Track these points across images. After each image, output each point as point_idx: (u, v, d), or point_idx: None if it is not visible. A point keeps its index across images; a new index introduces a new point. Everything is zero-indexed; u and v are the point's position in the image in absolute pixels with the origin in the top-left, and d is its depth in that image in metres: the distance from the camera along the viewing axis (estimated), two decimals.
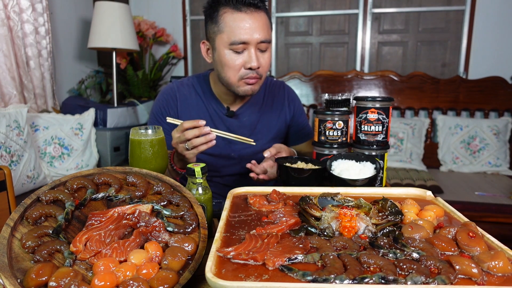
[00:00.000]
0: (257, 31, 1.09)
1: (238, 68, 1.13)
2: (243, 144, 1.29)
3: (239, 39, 1.08)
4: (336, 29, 3.20)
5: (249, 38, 1.09)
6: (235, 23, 1.08)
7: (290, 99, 1.41)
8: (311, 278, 0.50)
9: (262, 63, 1.14)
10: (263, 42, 1.11)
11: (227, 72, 1.15)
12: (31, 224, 0.68)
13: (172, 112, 1.30)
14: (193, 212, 0.76)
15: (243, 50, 1.12)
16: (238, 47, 1.10)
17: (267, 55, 1.15)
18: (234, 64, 1.13)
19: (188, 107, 1.30)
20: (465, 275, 0.51)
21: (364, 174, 0.97)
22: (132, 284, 0.55)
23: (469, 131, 2.81)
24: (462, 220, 0.70)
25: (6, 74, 2.16)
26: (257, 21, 1.09)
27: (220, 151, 1.30)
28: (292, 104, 1.41)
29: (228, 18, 1.09)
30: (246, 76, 1.14)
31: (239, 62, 1.12)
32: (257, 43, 1.10)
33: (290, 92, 1.43)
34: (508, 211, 2.10)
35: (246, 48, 1.11)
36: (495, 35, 2.88)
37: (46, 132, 2.24)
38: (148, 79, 3.17)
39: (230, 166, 1.32)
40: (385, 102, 1.05)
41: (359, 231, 0.64)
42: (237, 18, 1.08)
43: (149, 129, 0.98)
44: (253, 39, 1.09)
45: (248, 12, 1.09)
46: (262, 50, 1.14)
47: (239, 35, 1.08)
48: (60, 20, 2.76)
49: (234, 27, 1.08)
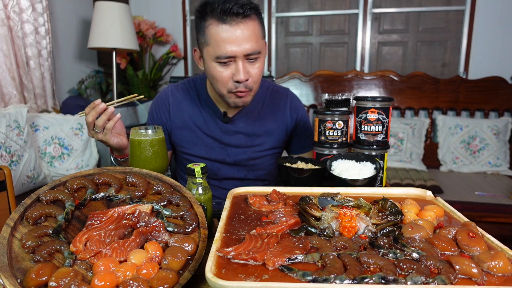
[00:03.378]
0: (244, 43, 1.03)
1: (226, 81, 1.09)
2: (238, 149, 1.28)
3: (224, 53, 1.03)
4: (336, 29, 3.20)
5: (234, 51, 1.03)
6: (220, 37, 1.02)
7: (293, 108, 1.34)
8: (311, 278, 0.50)
9: (252, 74, 1.08)
10: (252, 54, 1.05)
11: (216, 84, 1.12)
12: (31, 224, 0.68)
13: (164, 116, 1.28)
14: (193, 212, 0.76)
15: (230, 63, 1.06)
16: (224, 61, 1.05)
17: (257, 65, 1.09)
18: (221, 77, 1.08)
19: (181, 111, 1.27)
20: (465, 275, 0.51)
21: (364, 174, 0.97)
22: (132, 284, 0.55)
23: (469, 131, 2.81)
24: (462, 220, 0.70)
25: (6, 74, 2.16)
26: (244, 32, 1.03)
27: (215, 156, 1.28)
28: (295, 113, 1.34)
29: (212, 31, 1.04)
30: (235, 89, 1.09)
31: (227, 75, 1.07)
32: (244, 56, 1.05)
33: (293, 100, 1.36)
34: (508, 211, 2.10)
35: (233, 61, 1.06)
36: (495, 35, 2.88)
37: (46, 132, 2.24)
38: (148, 79, 3.17)
39: (226, 170, 1.31)
40: (385, 102, 1.05)
41: (359, 231, 0.64)
42: (221, 31, 1.02)
43: (149, 129, 0.98)
44: (239, 52, 1.03)
45: (233, 23, 1.02)
46: (252, 60, 1.08)
47: (224, 49, 1.03)
48: (60, 20, 2.76)
49: (219, 41, 1.03)
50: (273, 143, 1.32)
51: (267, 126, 1.30)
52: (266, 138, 1.30)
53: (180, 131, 1.28)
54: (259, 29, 1.08)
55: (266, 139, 1.30)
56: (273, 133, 1.31)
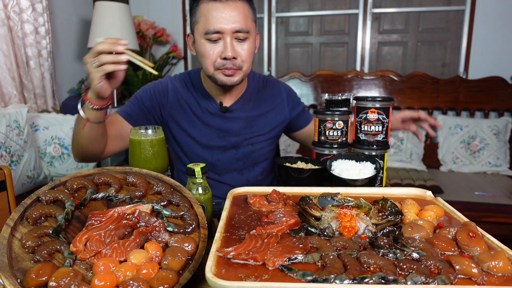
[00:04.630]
0: (232, 20, 1.07)
1: (214, 58, 1.12)
2: (236, 135, 1.30)
3: (213, 28, 1.07)
4: (336, 29, 3.20)
5: (223, 27, 1.07)
6: (209, 12, 1.08)
7: (290, 99, 1.39)
8: (311, 278, 0.50)
9: (240, 53, 1.11)
10: (240, 32, 1.09)
11: (205, 62, 1.14)
12: (31, 224, 0.68)
13: (155, 104, 1.26)
14: (193, 212, 0.76)
15: (218, 40, 1.10)
16: (212, 36, 1.08)
17: (246, 45, 1.12)
18: (209, 54, 1.11)
19: (179, 103, 1.28)
20: (465, 275, 0.51)
21: (364, 174, 0.97)
22: (132, 284, 0.55)
23: (469, 131, 2.81)
24: (462, 220, 0.70)
25: (6, 74, 2.16)
26: (233, 10, 1.08)
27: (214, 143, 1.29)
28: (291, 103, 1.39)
29: (203, 8, 1.09)
30: (222, 66, 1.12)
31: (215, 52, 1.11)
32: (232, 33, 1.09)
33: (289, 91, 1.42)
34: (508, 211, 2.10)
35: (221, 38, 1.09)
36: (495, 35, 2.88)
37: (46, 132, 2.24)
38: (148, 79, 3.17)
39: (226, 159, 1.31)
40: (385, 102, 1.05)
41: (359, 231, 0.64)
42: (211, 7, 1.08)
43: (149, 129, 0.98)
44: (227, 28, 1.07)
45: (224, 1, 1.08)
46: (241, 40, 1.11)
47: (213, 24, 1.07)
48: (60, 20, 2.76)
49: (208, 16, 1.08)
50: (272, 131, 1.36)
51: (265, 114, 1.34)
52: (265, 126, 1.34)
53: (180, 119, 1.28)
54: (248, 10, 1.12)
55: (265, 127, 1.34)
56: (272, 121, 1.35)
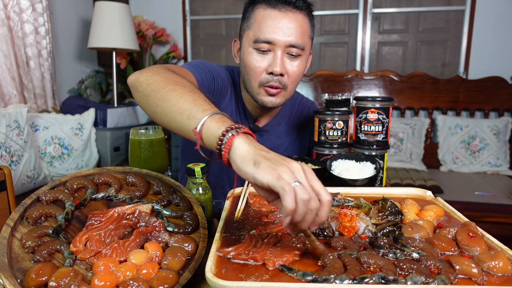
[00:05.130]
0: (288, 32, 0.95)
1: (260, 72, 1.00)
2: None
3: (264, 37, 0.96)
4: (336, 29, 3.19)
5: (276, 39, 0.96)
6: (264, 20, 0.96)
7: None
8: (311, 278, 0.50)
9: (289, 70, 1.00)
10: (294, 47, 0.97)
11: (248, 74, 1.03)
12: (31, 224, 0.68)
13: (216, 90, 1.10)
14: (193, 212, 0.76)
15: (268, 51, 0.99)
16: (262, 45, 0.97)
17: (297, 63, 1.01)
18: (255, 66, 1.00)
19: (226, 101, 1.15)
20: (465, 275, 0.51)
21: (364, 174, 0.97)
22: (132, 284, 0.55)
23: (469, 131, 2.81)
24: (462, 220, 0.70)
25: (6, 74, 2.16)
26: (291, 22, 0.96)
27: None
28: None
29: (258, 14, 0.98)
30: (267, 83, 1.00)
31: (262, 65, 0.99)
32: (285, 46, 0.97)
33: None
34: (508, 211, 2.10)
35: (272, 50, 0.98)
36: (495, 35, 2.88)
37: (46, 132, 2.24)
38: None
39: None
40: (385, 102, 1.05)
41: (359, 231, 0.64)
42: (268, 14, 0.96)
43: (149, 129, 0.98)
44: (280, 40, 0.96)
45: (283, 10, 0.96)
46: (293, 56, 1.00)
47: (265, 33, 0.96)
48: (60, 20, 2.76)
49: (262, 23, 0.96)
50: (295, 151, 1.29)
51: (293, 135, 1.27)
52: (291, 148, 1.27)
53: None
54: (308, 25, 1.01)
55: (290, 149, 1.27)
56: (301, 147, 1.29)
